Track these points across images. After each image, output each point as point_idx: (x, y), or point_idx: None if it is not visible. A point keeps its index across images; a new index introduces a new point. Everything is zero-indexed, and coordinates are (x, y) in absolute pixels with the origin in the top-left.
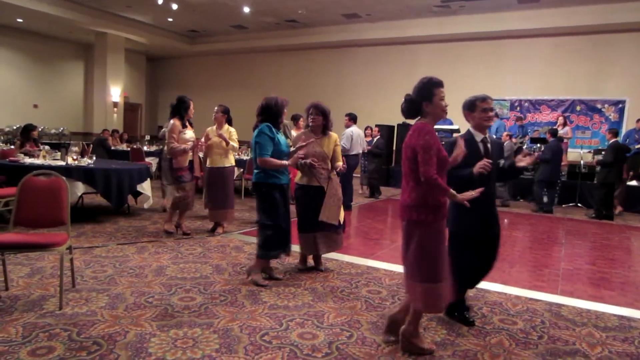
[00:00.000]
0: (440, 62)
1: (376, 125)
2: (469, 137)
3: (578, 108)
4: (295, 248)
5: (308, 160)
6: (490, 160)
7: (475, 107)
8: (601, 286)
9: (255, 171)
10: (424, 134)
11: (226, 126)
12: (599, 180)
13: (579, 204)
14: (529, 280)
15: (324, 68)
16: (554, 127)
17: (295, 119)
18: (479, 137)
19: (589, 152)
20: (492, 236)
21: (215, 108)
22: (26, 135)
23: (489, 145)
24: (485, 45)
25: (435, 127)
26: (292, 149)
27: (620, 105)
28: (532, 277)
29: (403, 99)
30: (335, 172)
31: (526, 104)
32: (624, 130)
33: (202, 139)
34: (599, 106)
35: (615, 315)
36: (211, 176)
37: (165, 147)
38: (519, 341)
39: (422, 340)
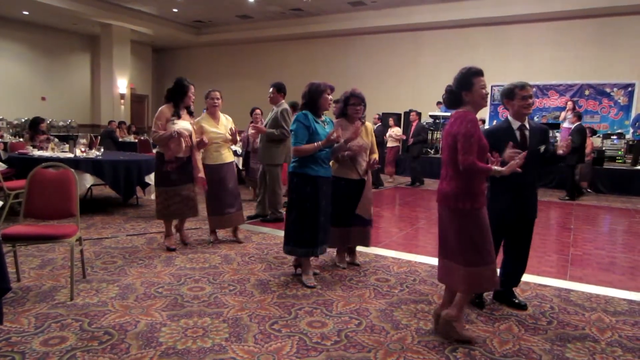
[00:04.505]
0: (446, 49)
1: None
2: (505, 126)
3: (587, 92)
4: None
5: (347, 153)
6: (517, 150)
7: (515, 95)
8: (610, 271)
9: (291, 160)
10: (466, 122)
11: (222, 115)
12: (566, 163)
13: (589, 190)
14: (538, 266)
15: (329, 57)
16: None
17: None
18: (515, 124)
19: (598, 136)
20: (526, 223)
21: (216, 94)
22: (35, 128)
23: (526, 132)
24: (491, 31)
25: (441, 113)
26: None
27: (629, 89)
28: (541, 262)
29: (444, 91)
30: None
31: (534, 89)
32: (633, 114)
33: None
34: (607, 90)
35: (624, 299)
36: (217, 174)
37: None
38: (528, 327)
39: (463, 326)
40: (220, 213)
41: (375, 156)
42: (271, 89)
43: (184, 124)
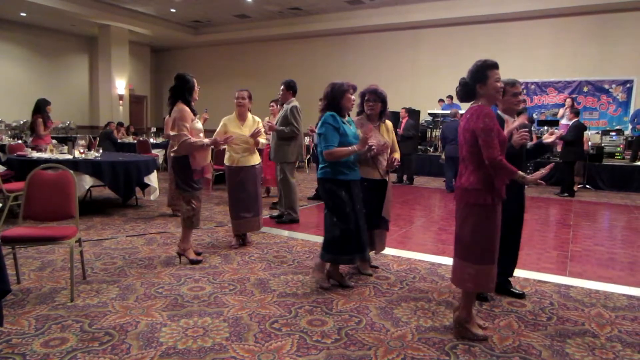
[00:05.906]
0: (444, 46)
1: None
2: (498, 121)
3: (585, 89)
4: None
5: (372, 151)
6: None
7: (505, 92)
8: (609, 266)
9: (320, 166)
10: (482, 116)
11: (251, 116)
12: (562, 159)
13: (587, 186)
14: (537, 263)
15: (328, 55)
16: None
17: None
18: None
19: (597, 133)
20: (521, 219)
21: (242, 94)
22: (42, 110)
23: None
24: (489, 28)
25: (440, 111)
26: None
27: (628, 85)
28: (541, 259)
29: (458, 83)
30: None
31: (532, 87)
32: (632, 110)
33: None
34: (606, 86)
35: (624, 295)
36: (237, 177)
37: (173, 142)
38: (528, 323)
39: (475, 326)
40: (236, 217)
41: (397, 155)
42: (281, 87)
43: (199, 125)
